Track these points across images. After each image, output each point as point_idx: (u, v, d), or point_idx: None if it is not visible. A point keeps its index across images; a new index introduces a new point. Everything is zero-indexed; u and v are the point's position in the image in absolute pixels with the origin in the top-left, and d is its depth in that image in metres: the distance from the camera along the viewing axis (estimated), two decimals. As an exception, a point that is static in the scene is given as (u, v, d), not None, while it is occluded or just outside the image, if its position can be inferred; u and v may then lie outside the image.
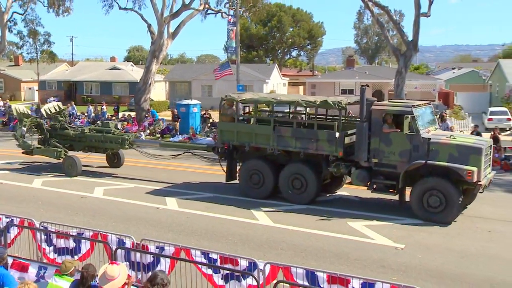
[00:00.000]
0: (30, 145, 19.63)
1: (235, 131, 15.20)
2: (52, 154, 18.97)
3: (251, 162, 15.18)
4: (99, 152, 19.43)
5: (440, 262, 10.05)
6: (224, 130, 15.56)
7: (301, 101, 14.58)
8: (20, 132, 19.87)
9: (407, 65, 28.02)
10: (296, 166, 14.47)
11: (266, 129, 14.79)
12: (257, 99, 15.48)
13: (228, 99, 15.67)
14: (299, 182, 14.36)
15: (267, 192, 14.91)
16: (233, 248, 10.69)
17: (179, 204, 14.58)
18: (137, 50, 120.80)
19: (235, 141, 15.27)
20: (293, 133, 14.37)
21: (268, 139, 14.65)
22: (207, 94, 51.18)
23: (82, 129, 19.46)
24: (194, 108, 31.00)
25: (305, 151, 14.19)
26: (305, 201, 14.26)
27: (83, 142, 19.17)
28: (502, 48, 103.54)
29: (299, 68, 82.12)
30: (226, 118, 15.86)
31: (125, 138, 18.43)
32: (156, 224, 12.64)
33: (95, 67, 63.48)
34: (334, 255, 10.44)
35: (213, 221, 12.91)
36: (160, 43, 33.59)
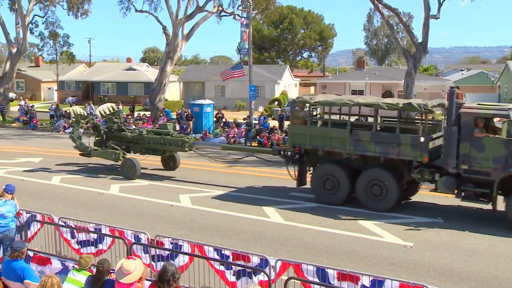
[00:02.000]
0: (88, 147, 19.01)
1: (308, 134, 14.29)
2: (110, 156, 18.27)
3: (325, 166, 14.29)
4: (157, 154, 18.63)
5: (449, 260, 9.96)
6: (296, 133, 14.68)
7: (382, 103, 13.51)
8: (78, 133, 19.31)
9: (417, 67, 27.83)
10: (375, 171, 13.50)
11: (343, 132, 13.82)
12: (332, 101, 14.45)
13: (300, 101, 14.74)
14: (379, 189, 13.38)
15: (342, 198, 13.98)
16: (245, 245, 10.69)
17: (192, 201, 14.61)
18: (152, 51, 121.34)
19: (307, 145, 14.38)
20: (373, 137, 13.42)
21: (344, 143, 13.74)
22: (220, 94, 51.28)
23: (140, 131, 18.76)
24: (208, 108, 31.09)
25: (385, 156, 13.24)
26: (385, 209, 13.23)
27: (140, 144, 18.42)
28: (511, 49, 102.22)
29: (310, 69, 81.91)
30: (298, 121, 14.91)
31: (185, 140, 17.63)
32: (170, 220, 12.69)
33: (112, 68, 63.91)
34: (344, 252, 10.40)
35: (226, 218, 12.92)
36: (174, 45, 33.72)
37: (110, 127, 19.25)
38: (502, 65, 65.22)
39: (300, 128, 14.69)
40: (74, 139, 19.11)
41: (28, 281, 6.33)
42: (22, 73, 61.74)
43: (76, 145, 19.17)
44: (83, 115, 19.86)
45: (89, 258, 6.45)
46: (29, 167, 19.80)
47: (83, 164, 20.33)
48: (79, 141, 19.16)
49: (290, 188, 16.32)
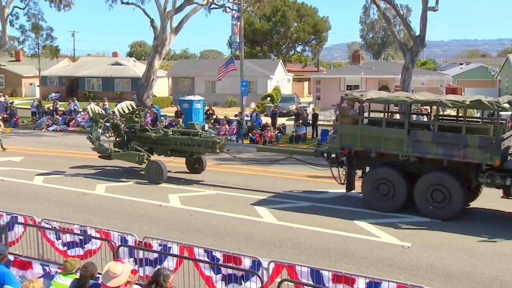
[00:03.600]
0: (108, 149, 18.33)
1: (359, 135, 13.60)
2: (133, 159, 17.54)
3: (378, 170, 13.61)
4: (184, 156, 17.92)
5: (448, 260, 10.02)
6: (345, 133, 13.91)
7: (446, 101, 12.75)
8: (96, 134, 18.54)
9: (414, 61, 27.92)
10: (437, 176, 12.73)
11: (399, 133, 13.13)
12: (387, 99, 13.87)
13: (350, 99, 14.10)
14: (441, 195, 12.60)
15: (398, 204, 13.24)
16: (236, 246, 10.69)
17: (182, 201, 14.59)
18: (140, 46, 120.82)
19: (358, 146, 13.69)
20: (434, 138, 12.64)
21: (401, 144, 12.98)
22: (210, 90, 51.18)
23: (165, 131, 17.94)
24: (197, 104, 31.02)
25: (449, 159, 12.47)
26: (448, 217, 12.54)
27: (166, 145, 17.66)
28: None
29: (303, 63, 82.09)
30: (347, 120, 14.16)
31: (216, 141, 16.82)
32: (159, 221, 12.66)
33: (97, 63, 63.57)
34: (340, 253, 10.42)
35: (217, 218, 12.91)
36: (163, 38, 33.59)
37: (132, 127, 18.53)
38: (502, 58, 65.62)
39: (349, 128, 13.95)
40: (93, 140, 18.41)
41: (8, 287, 6.27)
42: (1, 68, 61.32)
43: (94, 146, 18.48)
44: (102, 114, 19.17)
45: (74, 261, 6.40)
46: (9, 166, 19.64)
47: (67, 163, 20.22)
48: (98, 142, 18.43)
49: (283, 186, 16.34)
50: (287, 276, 6.57)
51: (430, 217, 12.64)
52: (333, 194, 15.49)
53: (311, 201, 14.57)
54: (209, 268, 7.12)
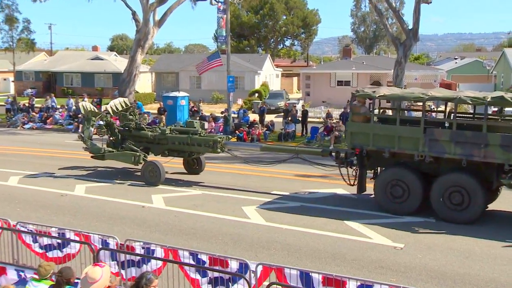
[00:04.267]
0: (101, 148, 18.03)
1: (371, 133, 13.39)
2: (129, 159, 17.27)
3: (392, 171, 13.42)
4: (182, 156, 17.70)
5: (442, 262, 10.10)
6: (356, 132, 13.72)
7: (465, 97, 12.50)
8: (88, 133, 18.26)
9: (407, 55, 28.13)
10: (455, 176, 12.53)
11: (415, 131, 12.92)
12: (401, 95, 13.66)
13: (361, 95, 13.88)
14: (459, 197, 12.40)
15: (413, 206, 13.04)
16: (223, 248, 10.68)
17: (166, 202, 14.55)
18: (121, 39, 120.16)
19: (370, 146, 13.46)
20: (452, 137, 12.40)
21: (417, 143, 12.77)
22: (195, 86, 51.09)
23: (162, 129, 17.63)
24: (182, 100, 30.94)
25: (468, 159, 12.24)
26: (467, 220, 12.35)
27: (163, 144, 17.38)
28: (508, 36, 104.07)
29: (292, 58, 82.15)
30: (359, 118, 14.02)
31: (217, 140, 16.56)
32: (142, 223, 12.61)
33: (76, 57, 63.12)
34: (330, 255, 10.46)
35: (202, 220, 12.89)
36: (145, 32, 33.43)
37: (127, 126, 18.20)
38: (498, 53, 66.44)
39: (361, 126, 13.74)
40: (85, 140, 18.11)
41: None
42: (-27, 62, 60.54)
43: (86, 146, 18.18)
44: (94, 112, 18.79)
45: (49, 266, 6.32)
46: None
47: (44, 163, 20.05)
48: (90, 141, 18.12)
49: (271, 186, 16.37)
50: (275, 279, 6.58)
51: (449, 221, 12.45)
52: (323, 194, 15.55)
53: (300, 201, 14.61)
54: (194, 271, 7.10)
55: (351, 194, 15.53)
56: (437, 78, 47.83)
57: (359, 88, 14.73)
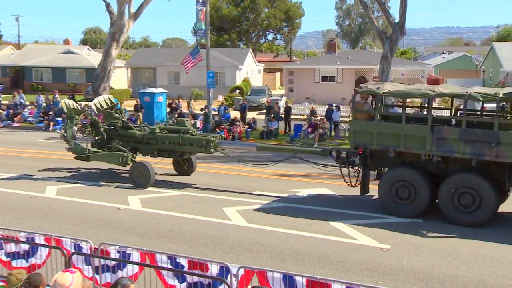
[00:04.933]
0: (85, 149, 17.68)
1: (375, 132, 13.25)
2: (116, 160, 16.94)
3: (398, 171, 13.31)
4: (173, 157, 17.46)
5: (430, 263, 10.21)
6: (359, 131, 13.61)
7: (475, 93, 12.36)
8: (71, 132, 17.83)
9: (393, 50, 28.32)
10: (465, 177, 12.43)
11: (421, 129, 12.81)
12: (407, 92, 13.52)
13: (364, 92, 13.75)
14: (470, 198, 12.27)
15: (419, 208, 12.95)
16: (203, 251, 10.67)
17: (143, 203, 14.48)
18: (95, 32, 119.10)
19: (374, 145, 13.32)
20: (461, 135, 12.27)
21: (424, 142, 12.68)
22: (174, 82, 50.90)
23: (151, 128, 17.30)
24: (160, 97, 30.78)
25: (478, 158, 12.15)
26: (479, 222, 12.25)
27: (152, 144, 17.13)
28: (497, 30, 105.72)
29: (275, 53, 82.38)
30: (362, 116, 13.90)
31: (210, 139, 16.37)
32: (117, 226, 12.53)
33: (46, 51, 62.39)
34: (314, 257, 10.51)
35: (181, 221, 12.85)
36: (120, 25, 33.13)
37: (113, 124, 17.84)
38: (487, 47, 67.31)
39: (364, 124, 13.63)
40: (67, 139, 17.70)
41: None
42: None
43: (69, 146, 17.79)
44: (77, 110, 18.39)
45: (20, 274, 6.22)
46: None
47: (12, 163, 19.78)
48: (73, 141, 17.74)
49: (253, 186, 16.38)
50: (258, 283, 6.59)
51: (458, 224, 12.40)
52: (307, 194, 15.61)
53: (284, 202, 14.66)
54: (172, 276, 7.08)
55: (336, 194, 15.63)
56: (424, 74, 48.35)
57: (362, 84, 14.56)
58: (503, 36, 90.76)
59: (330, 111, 28.77)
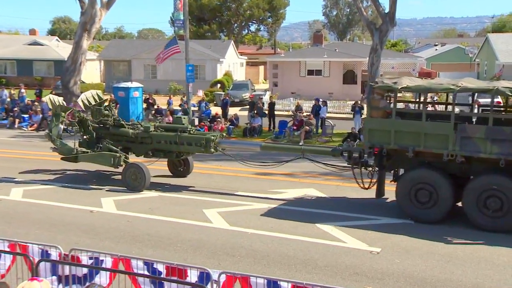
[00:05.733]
0: (72, 149, 17.33)
1: (392, 130, 13.06)
2: (107, 161, 16.59)
3: (417, 172, 13.14)
4: (169, 157, 17.17)
5: (422, 267, 10.29)
6: (375, 129, 13.44)
7: (503, 88, 12.09)
8: (57, 131, 17.47)
9: (383, 41, 28.54)
10: (492, 179, 12.25)
11: (444, 127, 12.64)
12: (428, 87, 13.35)
13: (381, 87, 13.56)
14: (497, 202, 12.06)
15: (441, 212, 12.76)
16: (182, 256, 10.66)
17: (117, 206, 14.41)
18: (64, 22, 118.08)
19: (391, 144, 13.16)
20: (488, 134, 12.05)
21: (446, 141, 12.48)
22: (150, 76, 50.70)
23: (145, 127, 16.97)
24: (135, 92, 30.66)
25: (507, 158, 11.94)
26: (506, 228, 12.06)
27: (146, 144, 16.84)
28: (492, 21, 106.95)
29: (258, 45, 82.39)
30: (378, 113, 13.69)
31: (210, 138, 16.06)
32: (90, 230, 12.45)
33: (10, 42, 61.74)
34: (301, 261, 10.54)
35: (159, 225, 12.81)
36: (92, 14, 32.90)
37: (103, 122, 17.51)
38: (481, 38, 68.02)
39: (381, 122, 13.47)
40: (53, 139, 17.33)
41: None
42: None
43: (55, 146, 17.45)
44: (63, 106, 18.05)
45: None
46: None
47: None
48: (59, 141, 17.39)
49: (235, 186, 16.39)
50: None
51: (484, 229, 12.23)
52: (293, 194, 15.66)
53: (267, 203, 14.67)
54: (149, 283, 7.04)
55: (323, 194, 15.69)
56: (415, 67, 48.75)
57: (378, 79, 14.38)
58: (499, 27, 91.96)
59: (316, 106, 28.88)
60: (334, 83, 45.76)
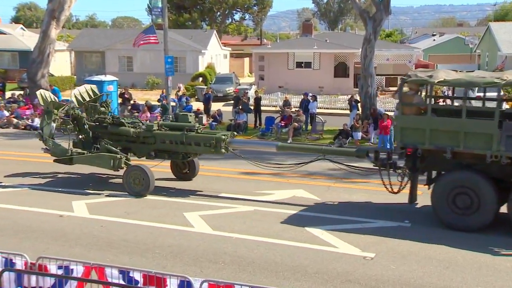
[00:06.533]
0: (67, 150, 16.89)
1: (428, 129, 12.85)
2: (106, 163, 16.22)
3: (456, 175, 12.95)
4: (175, 158, 16.79)
5: (419, 273, 10.34)
6: (408, 127, 13.23)
7: None
8: (49, 130, 16.99)
9: (377, 31, 28.60)
10: None
11: (487, 126, 12.35)
12: (469, 81, 13.08)
13: (414, 81, 13.43)
14: None
15: (485, 219, 12.49)
16: (161, 263, 10.64)
17: (90, 210, 14.33)
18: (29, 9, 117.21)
19: (426, 144, 12.92)
20: None
21: (489, 141, 12.24)
22: (126, 68, 50.53)
23: (148, 125, 16.68)
24: (110, 86, 30.45)
25: None
26: None
27: (149, 144, 16.48)
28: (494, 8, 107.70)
29: (243, 35, 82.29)
30: (411, 110, 13.53)
31: (221, 138, 15.72)
32: (59, 236, 12.38)
33: (-32, 30, 61.10)
34: (289, 268, 10.56)
35: (136, 229, 12.78)
36: (60, 1, 32.65)
37: (100, 120, 17.15)
38: (482, 28, 68.62)
39: (415, 120, 13.27)
40: (45, 139, 16.91)
41: None
42: None
43: (47, 147, 17.06)
44: (56, 103, 17.64)
45: None
46: None
47: None
48: (52, 141, 16.96)
49: (218, 187, 16.38)
50: (223, 299, 6.60)
51: None
52: (280, 196, 15.68)
53: (253, 205, 14.68)
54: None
55: (313, 196, 15.71)
56: (412, 58, 49.02)
57: (411, 72, 14.03)
58: (501, 15, 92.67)
59: (305, 101, 28.92)
60: (324, 76, 45.89)
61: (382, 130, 22.86)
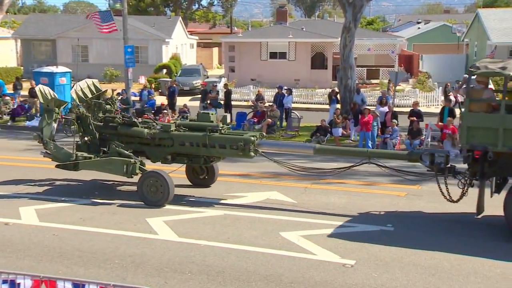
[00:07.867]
0: (71, 154, 16.25)
1: (501, 128, 12.24)
2: (118, 169, 15.59)
3: None
4: (196, 163, 16.23)
5: (403, 282, 10.46)
6: (476, 127, 12.64)
7: None
8: (50, 130, 16.48)
9: (357, 19, 28.81)
10: None
11: None
12: None
13: (483, 74, 13.01)
14: None
15: None
16: (120, 275, 10.58)
17: (40, 216, 14.19)
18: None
19: (499, 147, 12.39)
20: None
21: None
22: (81, 59, 50.00)
23: (165, 126, 16.18)
24: (62, 78, 30.16)
25: None
26: None
27: (165, 147, 16.00)
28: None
29: (212, 23, 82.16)
30: (480, 107, 13.00)
31: (250, 139, 15.09)
32: (5, 247, 12.23)
33: None
34: (263, 277, 10.60)
35: (93, 238, 12.70)
36: (6, -17, 32.24)
37: (108, 120, 16.63)
38: (471, 15, 69.52)
39: (484, 118, 12.70)
40: (45, 141, 16.32)
41: None
42: None
43: (48, 151, 16.42)
44: (57, 100, 17.02)
45: None
46: None
47: None
48: (53, 144, 16.38)
49: (185, 190, 16.36)
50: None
51: None
52: (253, 199, 15.75)
53: (223, 209, 14.72)
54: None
55: (288, 198, 15.77)
56: (395, 48, 49.52)
57: (479, 62, 13.38)
58: (491, 1, 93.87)
59: (280, 95, 29.03)
60: (300, 68, 46.09)
61: (363, 127, 23.01)
